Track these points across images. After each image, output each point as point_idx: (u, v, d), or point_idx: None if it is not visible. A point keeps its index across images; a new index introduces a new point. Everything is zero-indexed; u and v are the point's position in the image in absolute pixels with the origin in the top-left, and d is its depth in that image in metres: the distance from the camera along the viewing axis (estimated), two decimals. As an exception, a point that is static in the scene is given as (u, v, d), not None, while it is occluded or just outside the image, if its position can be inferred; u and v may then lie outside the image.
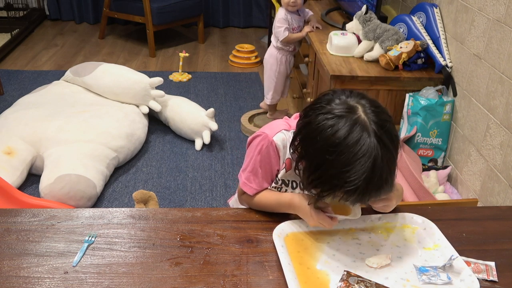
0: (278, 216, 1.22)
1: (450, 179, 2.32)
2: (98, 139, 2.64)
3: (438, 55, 2.34)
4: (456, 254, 1.08)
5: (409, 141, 2.33)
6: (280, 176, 1.24)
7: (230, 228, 1.19)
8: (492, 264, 1.10)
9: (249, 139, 1.26)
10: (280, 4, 2.95)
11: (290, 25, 2.92)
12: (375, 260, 1.09)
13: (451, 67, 2.30)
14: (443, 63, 2.31)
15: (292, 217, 1.21)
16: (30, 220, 1.18)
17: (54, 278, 1.02)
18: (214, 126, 2.92)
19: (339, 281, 1.02)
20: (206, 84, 3.89)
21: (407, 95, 2.32)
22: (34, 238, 1.13)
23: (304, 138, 1.06)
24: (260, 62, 4.24)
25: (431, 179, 2.22)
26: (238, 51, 4.31)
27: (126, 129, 2.80)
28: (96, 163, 2.51)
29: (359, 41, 2.56)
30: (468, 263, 1.08)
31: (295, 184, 1.26)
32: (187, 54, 3.96)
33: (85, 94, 3.14)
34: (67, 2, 5.08)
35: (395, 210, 1.22)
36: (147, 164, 2.82)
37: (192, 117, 2.97)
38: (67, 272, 1.04)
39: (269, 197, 1.23)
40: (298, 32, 2.94)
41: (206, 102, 3.56)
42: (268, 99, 3.18)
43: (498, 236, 1.20)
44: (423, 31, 2.45)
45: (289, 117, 1.29)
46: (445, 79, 2.32)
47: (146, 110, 3.04)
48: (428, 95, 2.27)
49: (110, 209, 1.24)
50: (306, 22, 3.00)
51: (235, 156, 2.94)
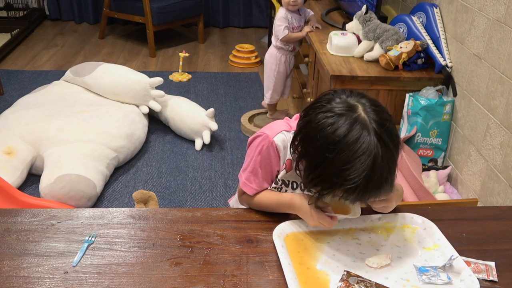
0: (278, 216, 1.22)
1: (450, 179, 2.32)
2: (98, 139, 2.64)
3: (438, 55, 2.34)
4: (456, 254, 1.08)
5: (409, 141, 2.33)
6: (280, 176, 1.24)
7: (230, 228, 1.19)
8: (492, 264, 1.10)
9: (249, 139, 1.26)
10: (281, 4, 2.95)
11: (290, 24, 2.92)
12: (375, 260, 1.09)
13: (451, 67, 2.30)
14: (443, 63, 2.31)
15: (292, 217, 1.21)
16: (30, 220, 1.18)
17: (54, 278, 1.02)
18: (214, 126, 2.93)
19: (339, 281, 1.02)
20: (206, 84, 3.89)
21: (407, 95, 2.32)
22: (34, 238, 1.13)
23: (304, 137, 1.06)
24: (260, 62, 4.24)
25: (431, 179, 2.22)
26: (238, 51, 4.31)
27: (126, 129, 2.80)
28: (96, 163, 2.51)
29: (359, 41, 2.56)
30: (468, 263, 1.08)
31: (295, 185, 1.26)
32: (187, 54, 3.96)
33: (85, 94, 3.14)
34: (67, 2, 5.08)
35: (395, 210, 1.22)
36: (147, 164, 2.82)
37: (192, 117, 2.97)
38: (67, 272, 1.04)
39: (269, 197, 1.23)
40: (298, 32, 2.94)
41: (206, 102, 3.56)
42: (267, 98, 3.18)
43: (498, 236, 1.20)
44: (423, 31, 2.45)
45: (289, 117, 1.29)
46: (445, 79, 2.32)
47: (146, 110, 3.05)
48: (428, 95, 2.27)
49: (110, 209, 1.24)
50: (307, 22, 3.00)
51: (235, 156, 2.94)
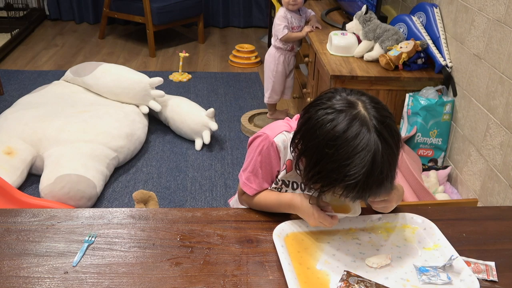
0: (278, 216, 1.22)
1: (450, 179, 2.32)
2: (98, 139, 2.64)
3: (438, 55, 2.34)
4: (456, 254, 1.08)
5: (409, 141, 2.33)
6: (280, 177, 1.24)
7: (230, 228, 1.19)
8: (492, 264, 1.10)
9: (250, 139, 1.26)
10: (281, 4, 2.95)
11: (290, 23, 2.92)
12: (375, 260, 1.09)
13: (451, 67, 2.30)
14: (443, 63, 2.31)
15: (292, 217, 1.21)
16: (30, 220, 1.18)
17: (54, 278, 1.02)
18: (214, 126, 2.93)
19: (339, 281, 1.02)
20: (206, 84, 3.89)
21: (407, 95, 2.32)
22: (34, 238, 1.13)
23: (304, 134, 1.06)
24: (260, 62, 4.24)
25: (431, 179, 2.22)
26: (238, 51, 4.31)
27: (126, 129, 2.80)
28: (96, 163, 2.51)
29: (359, 41, 2.56)
30: (468, 263, 1.08)
31: (295, 185, 1.26)
32: (187, 54, 3.96)
33: (85, 94, 3.14)
34: (67, 2, 5.08)
35: (395, 210, 1.22)
36: (147, 164, 2.82)
37: (192, 117, 2.97)
38: (67, 272, 1.04)
39: (269, 197, 1.23)
40: (298, 32, 2.94)
41: (206, 102, 3.56)
42: (266, 97, 3.19)
43: (498, 236, 1.20)
44: (423, 31, 2.45)
45: (289, 117, 1.29)
46: (445, 79, 2.32)
47: (146, 110, 3.05)
48: (428, 95, 2.27)
49: (110, 209, 1.24)
50: (307, 22, 3.00)
51: (235, 156, 2.94)
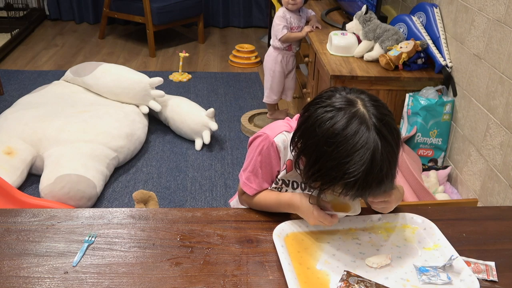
0: (278, 216, 1.22)
1: (450, 179, 2.32)
2: (98, 139, 2.64)
3: (438, 55, 2.34)
4: (456, 254, 1.08)
5: (409, 141, 2.33)
6: (280, 176, 1.23)
7: (230, 228, 1.19)
8: (492, 264, 1.10)
9: (250, 139, 1.26)
10: (281, 4, 2.94)
11: (289, 23, 2.91)
12: (375, 260, 1.09)
13: (451, 67, 2.30)
14: (443, 63, 2.31)
15: (292, 217, 1.21)
16: (30, 220, 1.18)
17: (54, 278, 1.02)
18: (214, 126, 2.92)
19: (339, 281, 1.02)
20: (206, 84, 3.89)
21: (407, 95, 2.32)
22: (34, 238, 1.13)
23: (303, 132, 1.06)
24: (260, 62, 4.24)
25: (431, 179, 2.22)
26: (238, 51, 4.31)
27: (126, 129, 2.80)
28: (96, 163, 2.51)
29: (359, 41, 2.56)
30: (468, 263, 1.08)
31: (295, 184, 1.26)
32: (187, 54, 3.96)
33: (85, 94, 3.14)
34: (67, 2, 5.08)
35: (395, 210, 1.22)
36: (147, 164, 2.82)
37: (192, 117, 2.97)
38: (67, 272, 1.04)
39: (268, 197, 1.23)
40: (298, 32, 2.94)
41: (206, 102, 3.56)
42: (264, 96, 3.18)
43: (498, 236, 1.20)
44: (423, 31, 2.45)
45: (290, 117, 1.29)
46: (445, 79, 2.32)
47: (146, 110, 3.05)
48: (428, 95, 2.27)
49: (110, 209, 1.24)
50: (307, 22, 3.00)
51: (235, 156, 2.94)
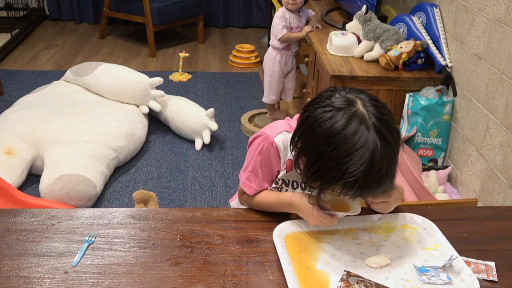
0: (278, 216, 1.22)
1: (450, 179, 2.32)
2: (98, 139, 2.64)
3: (438, 55, 2.34)
4: (456, 254, 1.08)
5: (409, 141, 2.33)
6: (280, 176, 1.24)
7: (230, 228, 1.19)
8: (492, 264, 1.10)
9: (250, 139, 1.26)
10: (281, 4, 2.94)
11: (288, 23, 2.91)
12: (375, 260, 1.09)
13: (451, 67, 2.30)
14: (443, 63, 2.31)
15: (292, 217, 1.21)
16: (30, 220, 1.18)
17: (54, 278, 1.02)
18: (214, 126, 2.92)
19: (339, 281, 1.02)
20: (206, 84, 3.89)
21: (407, 95, 2.32)
22: (34, 238, 1.13)
23: (303, 132, 1.07)
24: (260, 62, 4.24)
25: (431, 179, 2.22)
26: (238, 51, 4.31)
27: (126, 129, 2.80)
28: (96, 163, 2.51)
29: (359, 41, 2.56)
30: (468, 263, 1.08)
31: (295, 184, 1.26)
32: (187, 54, 3.96)
33: (85, 94, 3.14)
34: (67, 2, 5.08)
35: (395, 210, 1.22)
36: (147, 164, 2.82)
37: (192, 117, 2.97)
38: (67, 272, 1.04)
39: (268, 197, 1.23)
40: (298, 32, 2.94)
41: (206, 102, 3.56)
42: (264, 96, 3.18)
43: (498, 236, 1.20)
44: (423, 31, 2.45)
45: (290, 117, 1.29)
46: (445, 79, 2.32)
47: (146, 110, 3.05)
48: (428, 95, 2.27)
49: (110, 209, 1.24)
50: (307, 22, 3.00)
51: (235, 156, 2.94)
